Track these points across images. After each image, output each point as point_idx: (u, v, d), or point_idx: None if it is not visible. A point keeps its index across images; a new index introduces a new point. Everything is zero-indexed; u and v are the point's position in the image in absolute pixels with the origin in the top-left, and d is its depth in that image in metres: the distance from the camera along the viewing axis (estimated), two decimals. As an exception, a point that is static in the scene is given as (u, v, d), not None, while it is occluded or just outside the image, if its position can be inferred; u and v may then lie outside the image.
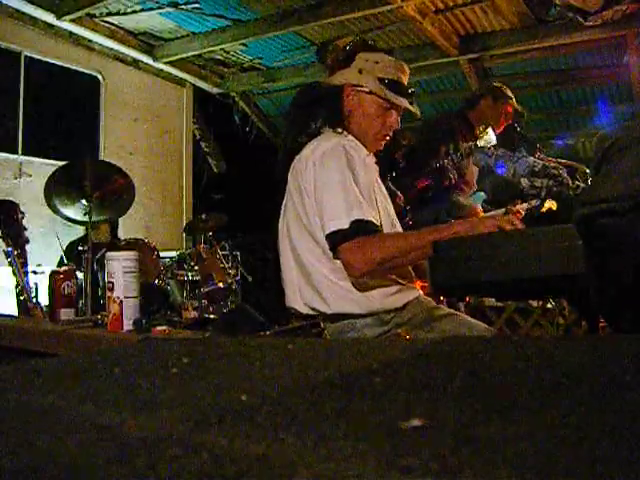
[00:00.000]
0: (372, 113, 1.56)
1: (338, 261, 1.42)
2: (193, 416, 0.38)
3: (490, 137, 2.62)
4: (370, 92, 1.56)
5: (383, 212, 1.52)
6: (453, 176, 2.58)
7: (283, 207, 1.59)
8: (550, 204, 2.46)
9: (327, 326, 1.46)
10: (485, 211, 2.82)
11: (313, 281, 1.45)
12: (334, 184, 1.39)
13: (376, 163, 1.64)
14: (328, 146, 1.45)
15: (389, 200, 1.64)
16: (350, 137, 1.53)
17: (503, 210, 2.74)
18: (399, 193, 2.27)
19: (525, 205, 2.70)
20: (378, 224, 1.40)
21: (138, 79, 5.46)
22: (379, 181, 1.60)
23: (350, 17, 4.49)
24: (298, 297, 1.48)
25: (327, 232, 1.38)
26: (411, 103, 1.63)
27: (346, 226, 1.35)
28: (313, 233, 1.45)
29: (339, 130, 1.53)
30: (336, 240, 1.37)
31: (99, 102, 5.07)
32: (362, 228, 1.35)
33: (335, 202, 1.38)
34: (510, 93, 2.81)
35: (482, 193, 2.88)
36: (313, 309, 1.46)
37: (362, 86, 1.56)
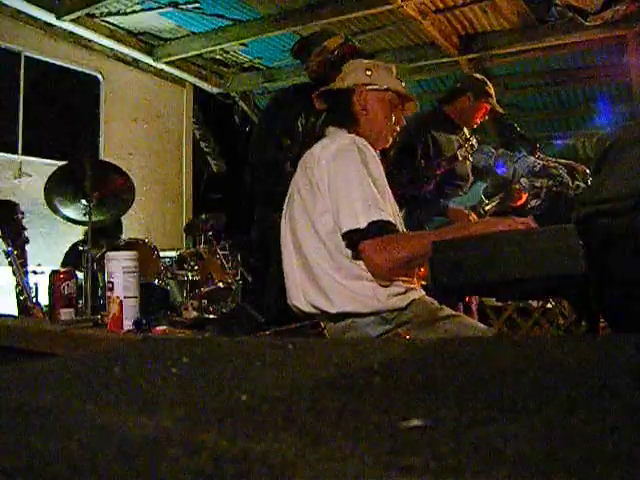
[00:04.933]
0: (386, 110, 1.60)
1: (344, 260, 1.43)
2: (193, 416, 0.38)
3: (474, 143, 2.62)
4: (387, 89, 1.60)
5: (393, 205, 1.54)
6: (432, 178, 2.54)
7: (286, 205, 1.60)
8: None
9: (327, 325, 1.46)
10: (488, 197, 2.79)
11: (318, 280, 1.45)
12: (351, 183, 1.40)
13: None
14: (341, 144, 1.46)
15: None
16: (359, 137, 1.54)
17: (501, 195, 2.72)
18: None
19: (524, 180, 2.69)
20: (395, 223, 1.41)
21: (138, 79, 5.46)
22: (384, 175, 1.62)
23: (350, 17, 4.50)
24: (301, 295, 1.48)
25: (344, 230, 1.39)
26: None
27: (364, 225, 1.36)
28: (319, 231, 1.45)
29: (347, 131, 1.55)
30: (354, 239, 1.38)
31: (99, 102, 5.07)
32: (381, 228, 1.36)
33: (353, 201, 1.38)
34: (492, 91, 2.77)
35: (481, 183, 2.84)
36: (316, 308, 1.46)
37: (376, 84, 1.59)
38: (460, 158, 2.57)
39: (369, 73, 1.61)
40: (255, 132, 2.92)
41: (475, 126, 2.79)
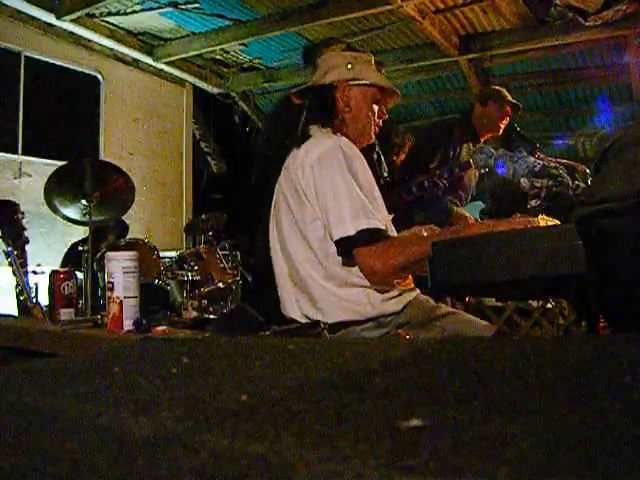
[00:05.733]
0: (370, 105, 1.57)
1: (335, 268, 1.41)
2: (193, 416, 0.38)
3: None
4: (369, 84, 1.56)
5: (382, 205, 1.52)
6: (441, 187, 2.54)
7: (273, 211, 1.57)
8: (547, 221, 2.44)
9: (326, 327, 1.45)
10: (483, 219, 2.81)
11: (309, 290, 1.43)
12: (338, 190, 1.37)
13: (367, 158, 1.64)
14: (325, 148, 1.42)
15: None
16: (342, 137, 1.50)
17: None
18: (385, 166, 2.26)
19: (524, 180, 2.69)
20: (385, 228, 1.39)
21: (138, 79, 5.46)
22: (372, 175, 1.59)
23: (350, 17, 4.49)
24: (295, 307, 1.46)
25: (335, 239, 1.37)
26: None
27: (353, 233, 1.33)
28: (308, 239, 1.43)
29: (330, 130, 1.52)
30: (346, 247, 1.36)
31: (99, 102, 5.07)
32: (371, 235, 1.34)
33: (341, 209, 1.36)
34: (503, 93, 2.79)
35: (480, 202, 2.87)
36: (310, 319, 1.43)
37: (359, 79, 1.56)
38: (473, 166, 2.57)
39: (350, 67, 1.56)
40: (262, 130, 2.94)
41: (501, 130, 2.80)
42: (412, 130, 3.00)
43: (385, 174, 2.33)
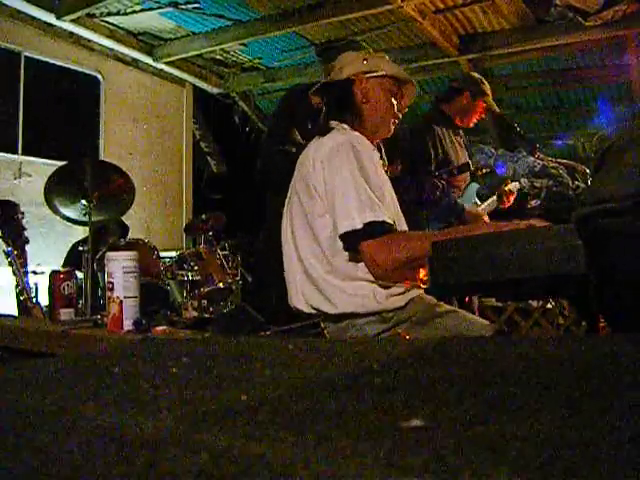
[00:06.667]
0: (389, 97, 1.60)
1: (341, 262, 1.42)
2: (193, 416, 0.38)
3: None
4: (385, 75, 1.59)
5: (391, 203, 1.53)
6: (440, 188, 2.53)
7: (286, 206, 1.60)
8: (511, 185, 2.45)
9: (327, 326, 1.46)
10: (480, 198, 2.79)
11: (315, 281, 1.45)
12: (345, 184, 1.39)
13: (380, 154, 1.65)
14: (335, 143, 1.45)
15: (392, 190, 1.64)
16: (356, 133, 1.53)
17: (495, 197, 2.74)
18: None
19: (515, 184, 2.70)
20: (392, 222, 1.40)
21: (138, 79, 5.46)
22: (383, 172, 1.61)
23: (350, 17, 4.49)
24: (301, 297, 1.48)
25: (341, 232, 1.38)
26: None
27: (359, 226, 1.35)
28: (316, 233, 1.45)
29: (344, 126, 1.54)
30: (352, 240, 1.38)
31: (99, 102, 5.07)
32: (377, 228, 1.35)
33: (348, 203, 1.38)
34: (488, 90, 2.76)
35: (474, 185, 2.86)
36: (316, 309, 1.46)
37: (376, 71, 1.59)
38: (472, 168, 2.56)
39: (365, 62, 1.60)
40: (269, 125, 2.93)
41: (472, 125, 2.78)
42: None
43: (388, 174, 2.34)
